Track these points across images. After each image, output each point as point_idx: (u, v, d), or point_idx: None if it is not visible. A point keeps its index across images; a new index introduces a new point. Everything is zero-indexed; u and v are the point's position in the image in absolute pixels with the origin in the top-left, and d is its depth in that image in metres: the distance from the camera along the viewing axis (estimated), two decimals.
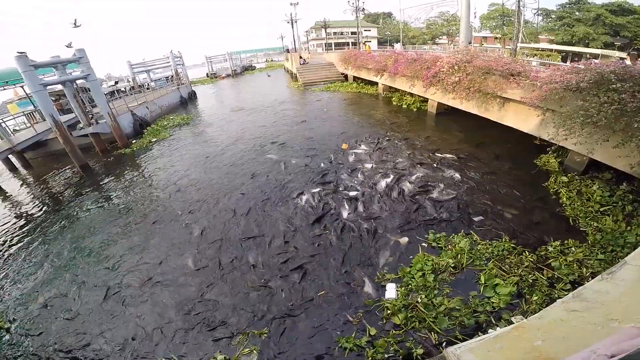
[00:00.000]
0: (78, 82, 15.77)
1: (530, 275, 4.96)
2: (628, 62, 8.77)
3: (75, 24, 13.04)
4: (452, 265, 5.35)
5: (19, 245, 8.33)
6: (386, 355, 4.07)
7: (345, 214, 7.45)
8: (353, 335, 4.41)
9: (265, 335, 4.67)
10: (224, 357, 4.37)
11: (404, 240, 6.33)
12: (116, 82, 30.66)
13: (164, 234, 7.72)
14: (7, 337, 5.44)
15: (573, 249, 5.37)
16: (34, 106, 17.53)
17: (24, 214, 10.28)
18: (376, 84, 21.64)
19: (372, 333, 4.41)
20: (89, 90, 17.66)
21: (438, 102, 14.05)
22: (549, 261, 5.22)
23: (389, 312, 4.68)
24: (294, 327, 4.76)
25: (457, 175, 8.62)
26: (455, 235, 6.13)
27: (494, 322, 4.33)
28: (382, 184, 8.59)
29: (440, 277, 5.19)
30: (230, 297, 5.48)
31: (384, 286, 5.21)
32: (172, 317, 5.25)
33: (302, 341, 4.53)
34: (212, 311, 5.24)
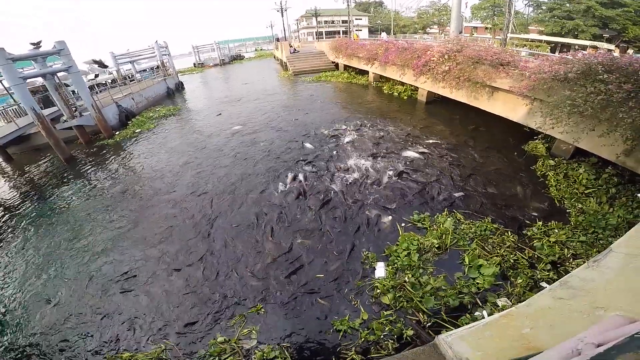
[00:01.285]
0: (60, 76, 15.14)
1: (511, 256, 5.09)
2: (616, 54, 8.89)
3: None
4: (437, 245, 5.45)
5: (2, 237, 8.12)
6: (381, 335, 4.16)
7: (332, 196, 7.57)
8: (347, 317, 4.47)
9: (262, 311, 4.76)
10: (224, 339, 4.41)
11: (389, 219, 6.47)
12: (96, 76, 29.05)
13: (151, 222, 7.67)
14: None
15: (556, 230, 5.54)
16: (14, 100, 16.75)
17: (8, 207, 9.95)
18: (367, 72, 21.49)
19: (364, 317, 4.48)
20: (68, 86, 17.01)
21: (428, 91, 14.10)
22: (532, 242, 5.38)
23: (378, 291, 4.77)
24: (289, 310, 4.81)
25: (446, 159, 8.76)
26: (440, 215, 6.26)
27: (479, 303, 4.42)
28: (370, 167, 8.73)
29: (425, 256, 5.30)
30: (225, 281, 5.49)
31: (374, 267, 5.30)
32: (169, 302, 5.25)
33: (296, 324, 4.59)
34: (208, 295, 5.26)
